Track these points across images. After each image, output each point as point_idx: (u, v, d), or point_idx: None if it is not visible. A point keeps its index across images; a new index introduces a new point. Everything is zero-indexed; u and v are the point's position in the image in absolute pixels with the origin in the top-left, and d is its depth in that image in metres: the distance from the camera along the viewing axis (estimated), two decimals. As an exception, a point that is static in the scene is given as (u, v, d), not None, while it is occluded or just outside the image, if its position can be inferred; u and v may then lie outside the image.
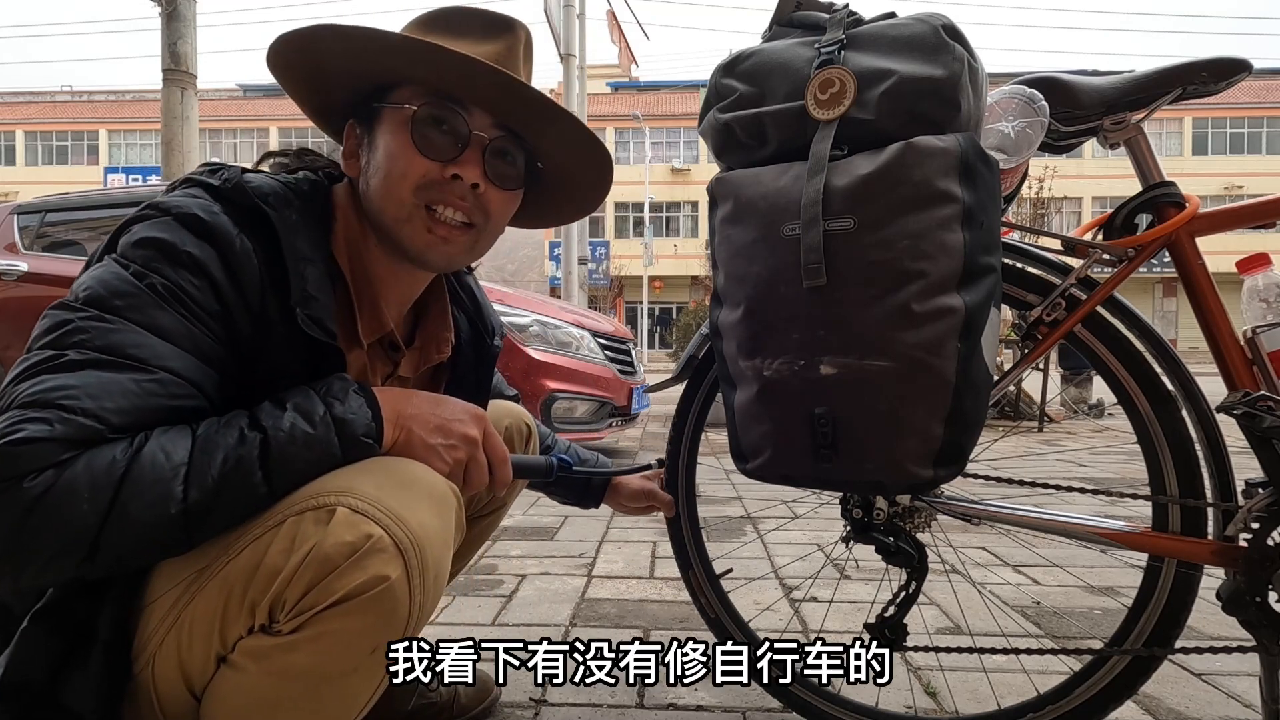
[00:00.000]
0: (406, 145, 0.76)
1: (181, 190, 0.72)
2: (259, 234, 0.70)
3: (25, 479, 0.53)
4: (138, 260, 0.64)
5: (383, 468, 0.66)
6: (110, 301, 0.62)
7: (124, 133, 33.93)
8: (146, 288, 0.63)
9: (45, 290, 3.85)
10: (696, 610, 1.22)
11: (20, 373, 0.58)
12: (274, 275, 0.69)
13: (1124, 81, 0.93)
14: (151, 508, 0.57)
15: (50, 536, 0.54)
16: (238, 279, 0.67)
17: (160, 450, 0.58)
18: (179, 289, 0.64)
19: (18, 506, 0.53)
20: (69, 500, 0.54)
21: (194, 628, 0.63)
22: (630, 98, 33.36)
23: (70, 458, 0.55)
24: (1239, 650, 0.88)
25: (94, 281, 0.63)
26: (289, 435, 0.63)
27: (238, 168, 0.75)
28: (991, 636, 1.50)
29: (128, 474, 0.56)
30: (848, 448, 0.81)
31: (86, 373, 0.58)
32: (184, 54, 5.82)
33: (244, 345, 0.68)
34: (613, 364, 4.05)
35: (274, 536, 0.61)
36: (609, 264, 29.16)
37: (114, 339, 0.60)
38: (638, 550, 2.18)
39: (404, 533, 0.62)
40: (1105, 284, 0.95)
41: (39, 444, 0.54)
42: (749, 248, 0.84)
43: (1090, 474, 3.60)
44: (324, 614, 0.60)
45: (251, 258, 0.68)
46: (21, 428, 0.54)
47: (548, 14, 7.99)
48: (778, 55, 0.86)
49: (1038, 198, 12.66)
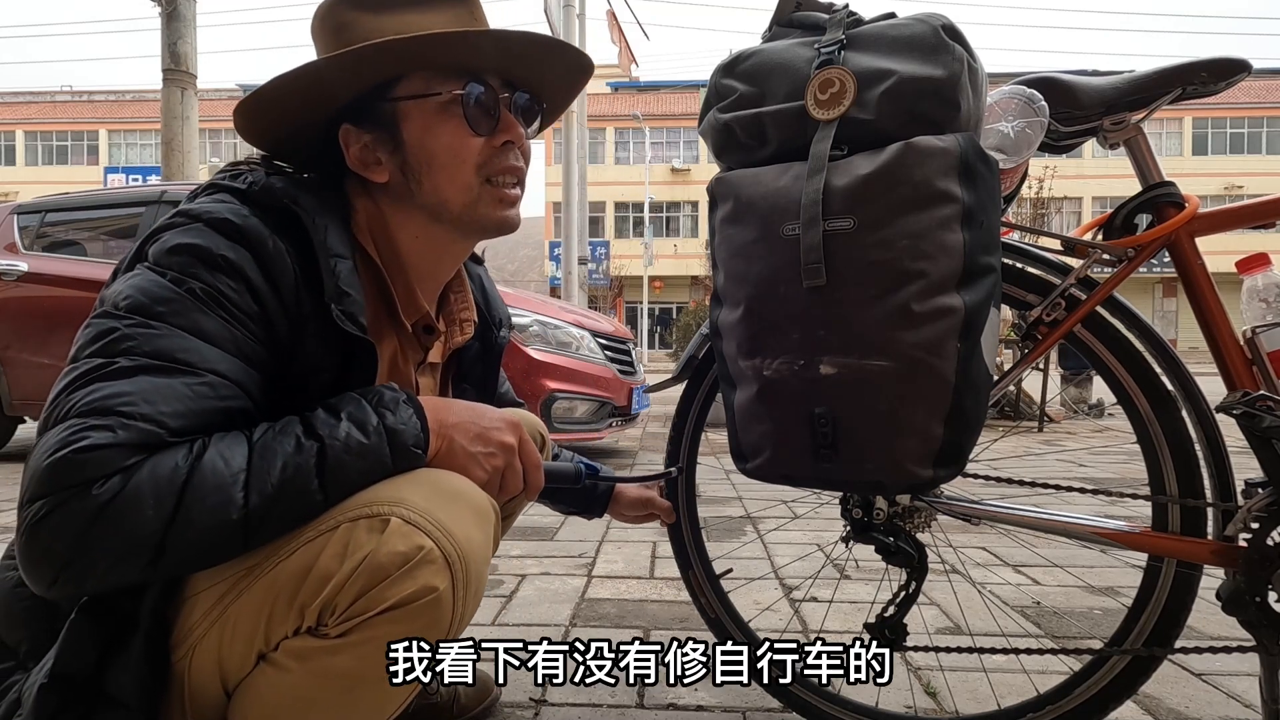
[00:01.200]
0: (458, 130, 0.77)
1: (207, 196, 0.72)
2: (289, 234, 0.70)
3: (94, 485, 0.54)
4: (174, 267, 0.65)
5: (431, 480, 0.68)
6: (153, 308, 0.62)
7: (124, 133, 33.96)
8: (186, 293, 0.63)
9: (45, 290, 3.86)
10: (696, 610, 1.22)
11: (72, 381, 0.59)
12: (307, 273, 0.70)
13: (1124, 82, 0.94)
14: (213, 513, 0.57)
15: (116, 542, 0.55)
16: (273, 279, 0.67)
17: (220, 457, 0.59)
18: (218, 292, 0.64)
19: (85, 514, 0.54)
20: (135, 507, 0.55)
21: (239, 624, 0.64)
22: (630, 98, 33.36)
23: (135, 463, 0.56)
24: (1239, 650, 0.88)
25: (133, 290, 0.63)
26: (344, 444, 0.64)
27: (261, 170, 0.75)
28: (991, 636, 1.50)
29: (190, 481, 0.57)
30: (848, 447, 0.81)
31: (139, 379, 0.59)
32: (184, 54, 5.83)
33: (281, 343, 0.68)
34: (613, 364, 4.05)
35: (327, 541, 0.62)
36: (609, 264, 29.19)
37: (161, 344, 0.61)
38: (638, 550, 2.18)
39: (452, 545, 0.64)
40: (1105, 284, 0.95)
41: (104, 450, 0.55)
42: (749, 247, 0.84)
43: (1090, 474, 3.60)
44: (372, 620, 0.61)
45: (285, 258, 0.69)
46: (86, 435, 0.55)
47: (548, 14, 7.99)
48: (778, 55, 0.86)
49: (1038, 198, 12.66)
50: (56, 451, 0.55)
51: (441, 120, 0.77)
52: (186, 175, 5.93)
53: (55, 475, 0.54)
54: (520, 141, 0.81)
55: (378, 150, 0.78)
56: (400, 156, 0.78)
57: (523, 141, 0.82)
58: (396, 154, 0.78)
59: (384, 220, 0.81)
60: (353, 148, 0.79)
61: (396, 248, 0.82)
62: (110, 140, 33.93)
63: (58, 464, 0.54)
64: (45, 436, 0.57)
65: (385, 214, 0.81)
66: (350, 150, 0.78)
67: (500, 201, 0.81)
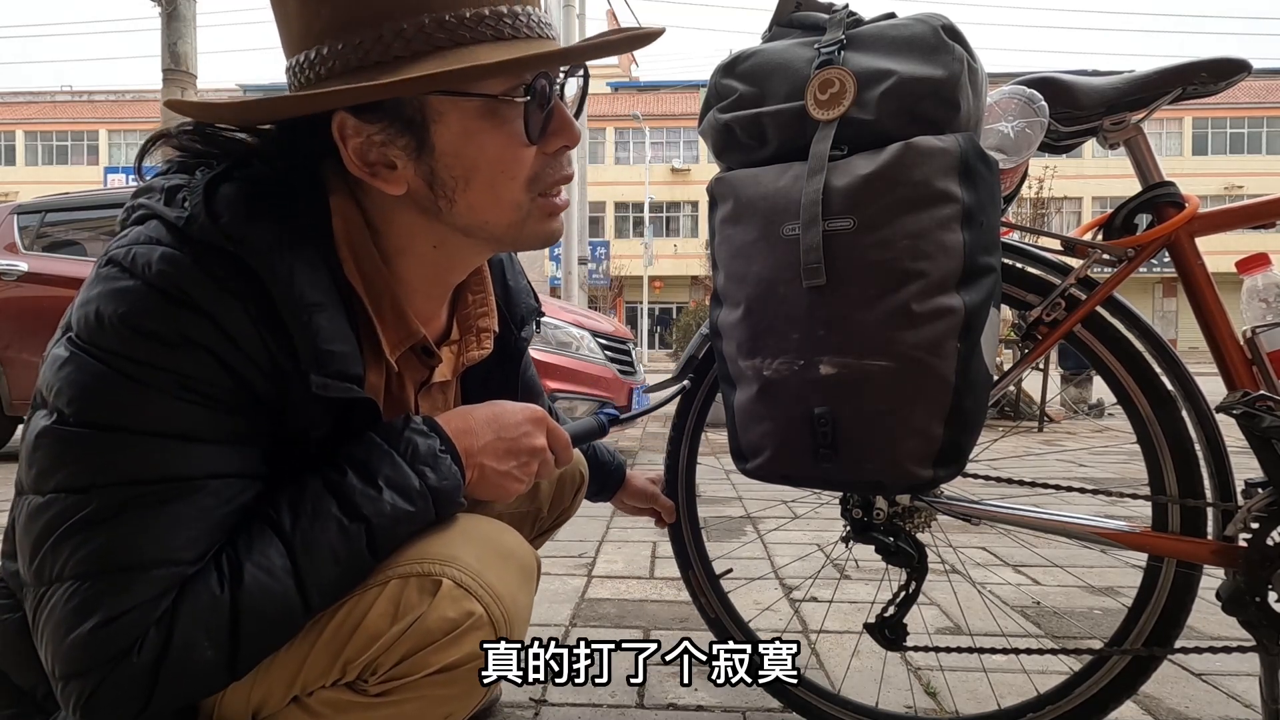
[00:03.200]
0: (510, 139, 0.61)
1: (138, 230, 0.57)
2: (244, 282, 0.56)
3: (131, 653, 0.50)
4: (120, 352, 0.52)
5: (482, 535, 0.67)
6: (109, 416, 0.52)
7: (124, 133, 33.92)
8: (146, 385, 0.52)
9: (45, 290, 3.86)
10: (696, 610, 1.22)
11: (49, 526, 0.51)
12: (273, 326, 0.57)
13: (1124, 82, 0.94)
14: (280, 627, 0.56)
15: (186, 687, 0.53)
16: (237, 344, 0.55)
17: (260, 570, 0.55)
18: (182, 376, 0.53)
19: (138, 680, 0.51)
20: (191, 654, 0.52)
21: (278, 671, 0.61)
22: (630, 98, 33.36)
23: (166, 611, 0.52)
24: (1239, 650, 0.88)
25: (80, 391, 0.52)
26: (392, 518, 0.60)
27: (199, 188, 0.58)
28: (991, 636, 1.50)
29: (239, 609, 0.54)
30: (847, 448, 0.81)
31: (128, 517, 0.51)
32: (184, 54, 5.82)
33: (267, 406, 0.58)
34: (613, 364, 4.04)
35: (376, 597, 0.60)
36: (609, 264, 29.19)
37: (138, 465, 0.52)
38: (638, 550, 2.18)
39: (500, 611, 0.62)
40: (1105, 284, 0.95)
41: (126, 616, 0.50)
42: (749, 248, 0.84)
43: (1090, 474, 3.60)
44: (414, 682, 0.60)
45: (244, 318, 0.55)
46: (99, 605, 0.50)
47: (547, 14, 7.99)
48: (778, 55, 0.86)
49: (1038, 198, 12.66)
50: (75, 628, 0.50)
51: (489, 126, 0.61)
52: (186, 175, 5.92)
53: (85, 655, 0.50)
54: (576, 142, 0.66)
55: (390, 152, 0.61)
56: (427, 165, 0.61)
57: (577, 140, 0.67)
58: (422, 161, 0.61)
59: (374, 226, 0.65)
60: (351, 143, 0.60)
61: (391, 260, 0.67)
62: (110, 140, 33.90)
63: (81, 643, 0.50)
64: (49, 598, 0.51)
65: (381, 218, 0.65)
66: (348, 146, 0.60)
67: (550, 215, 0.67)
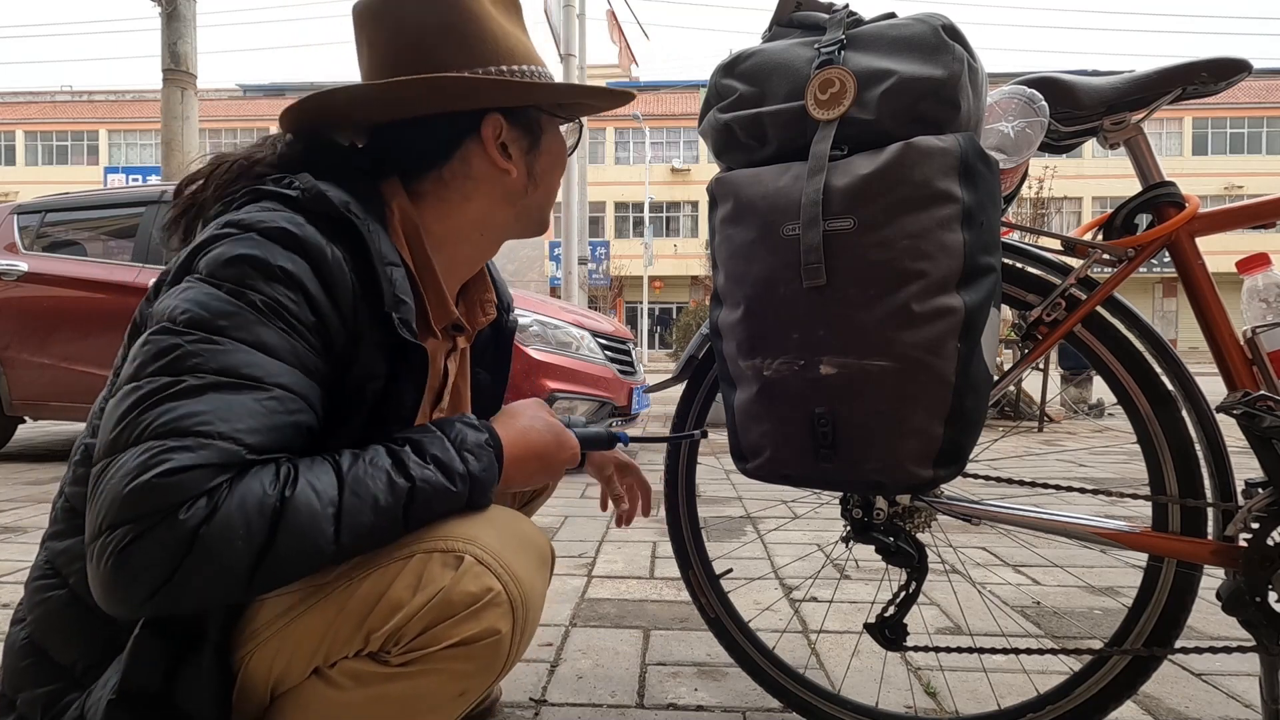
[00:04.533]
0: (564, 153, 0.89)
1: (256, 206, 0.69)
2: (343, 241, 0.68)
3: (180, 510, 0.53)
4: (230, 279, 0.62)
5: (503, 521, 0.70)
6: (214, 322, 0.60)
7: (124, 133, 33.95)
8: (246, 305, 0.61)
9: (45, 290, 3.86)
10: (696, 610, 1.22)
11: (139, 401, 0.57)
12: (362, 282, 0.68)
13: (1124, 82, 0.94)
14: (305, 549, 0.57)
15: (209, 570, 0.54)
16: (331, 290, 0.66)
17: (311, 489, 0.58)
18: (277, 304, 0.62)
19: (176, 541, 0.53)
20: (225, 537, 0.54)
21: (302, 637, 0.65)
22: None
23: (220, 485, 0.55)
24: (1239, 650, 0.88)
25: (190, 304, 0.61)
26: (433, 490, 0.65)
27: (306, 176, 0.71)
28: (991, 636, 1.50)
29: (282, 513, 0.56)
30: (847, 448, 0.81)
31: (209, 396, 0.57)
32: (184, 54, 5.83)
33: (337, 353, 0.67)
34: (613, 364, 4.04)
35: (400, 570, 0.64)
36: (609, 264, 29.16)
37: (227, 360, 0.59)
38: (638, 550, 2.18)
39: (518, 591, 0.66)
40: (1105, 284, 0.95)
41: (188, 473, 0.54)
42: (749, 248, 0.84)
43: (1090, 474, 3.60)
44: (434, 654, 0.63)
45: (343, 268, 0.67)
46: (167, 458, 0.54)
47: (548, 14, 7.99)
48: (778, 55, 0.86)
49: (1038, 198, 12.65)
50: (138, 476, 0.53)
51: (560, 141, 0.88)
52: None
53: (140, 500, 0.53)
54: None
55: (513, 147, 0.82)
56: (532, 159, 0.84)
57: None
58: (529, 156, 0.84)
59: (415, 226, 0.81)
60: (492, 136, 0.80)
61: (437, 250, 0.82)
62: (110, 140, 33.91)
63: (142, 489, 0.53)
64: (119, 459, 0.55)
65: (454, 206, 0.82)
66: (488, 139, 0.80)
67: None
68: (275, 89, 36.66)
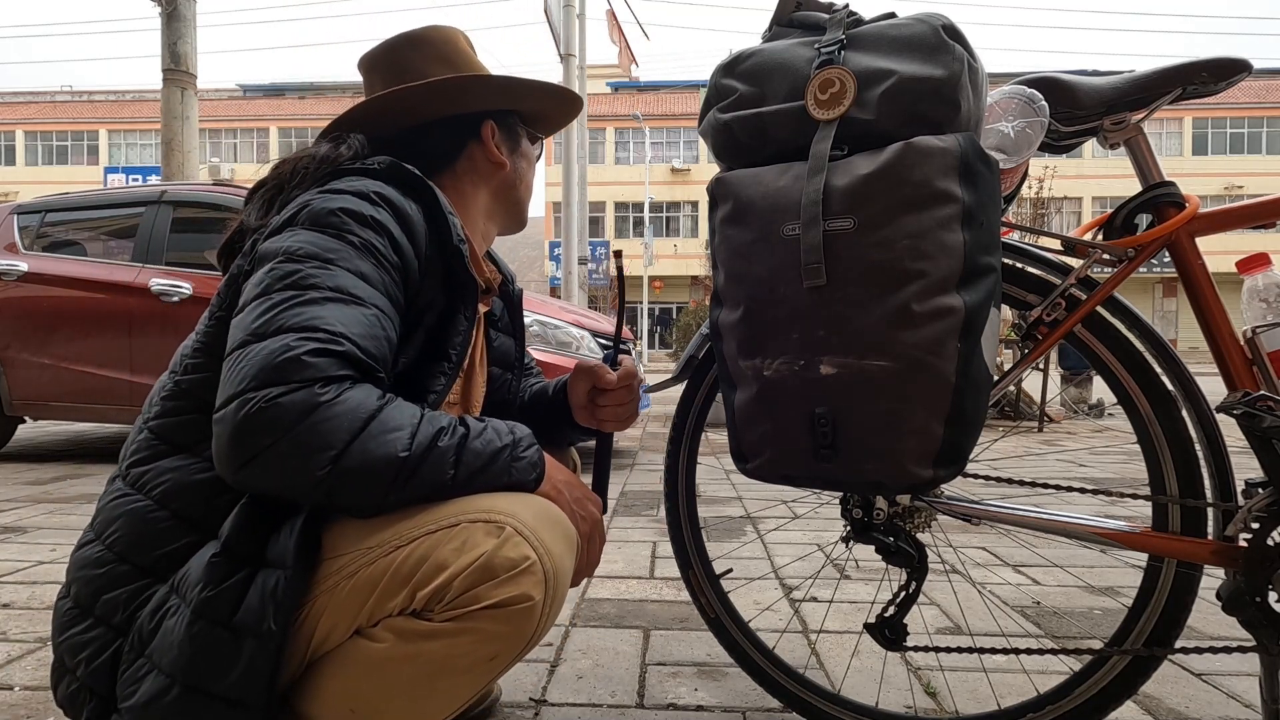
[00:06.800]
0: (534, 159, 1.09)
1: (340, 180, 0.84)
2: (418, 199, 0.85)
3: (317, 384, 0.65)
4: (332, 225, 0.77)
5: (538, 504, 0.76)
6: (324, 254, 0.74)
7: (124, 133, 33.94)
8: (347, 244, 0.76)
9: (45, 290, 3.86)
10: (696, 610, 1.22)
11: (272, 306, 0.69)
12: (433, 230, 0.85)
13: (1124, 82, 0.94)
14: (384, 446, 0.66)
15: (314, 440, 0.64)
16: (411, 236, 0.81)
17: (400, 408, 0.70)
18: (371, 245, 0.77)
19: (307, 407, 0.64)
20: (340, 415, 0.65)
21: (350, 597, 0.71)
22: (630, 98, 33.37)
23: (346, 376, 0.67)
24: (1239, 650, 0.89)
25: (303, 242, 0.75)
26: (482, 442, 0.74)
27: (384, 155, 0.88)
28: (991, 636, 1.50)
29: (379, 413, 0.67)
30: (848, 448, 0.81)
31: (331, 306, 0.70)
32: (184, 54, 5.83)
33: (410, 288, 0.81)
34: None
35: (447, 536, 0.70)
36: (609, 264, 29.17)
37: (339, 280, 0.72)
38: (638, 550, 2.18)
39: (551, 564, 0.71)
40: (1105, 284, 0.95)
41: (326, 358, 0.66)
42: (749, 248, 0.84)
43: (1090, 474, 3.60)
44: (474, 613, 0.68)
45: (419, 218, 0.83)
46: (308, 343, 0.66)
47: (548, 14, 7.99)
48: (778, 55, 0.86)
49: (1038, 198, 12.63)
50: (287, 353, 0.65)
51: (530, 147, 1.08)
52: (186, 175, 5.92)
53: (290, 369, 0.64)
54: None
55: (503, 147, 1.02)
56: (516, 159, 1.04)
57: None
58: (514, 156, 1.04)
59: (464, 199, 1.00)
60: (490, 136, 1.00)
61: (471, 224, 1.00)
62: (110, 140, 33.91)
63: (293, 362, 0.65)
64: (260, 345, 0.66)
65: (469, 195, 1.01)
66: (487, 138, 1.00)
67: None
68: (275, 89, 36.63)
